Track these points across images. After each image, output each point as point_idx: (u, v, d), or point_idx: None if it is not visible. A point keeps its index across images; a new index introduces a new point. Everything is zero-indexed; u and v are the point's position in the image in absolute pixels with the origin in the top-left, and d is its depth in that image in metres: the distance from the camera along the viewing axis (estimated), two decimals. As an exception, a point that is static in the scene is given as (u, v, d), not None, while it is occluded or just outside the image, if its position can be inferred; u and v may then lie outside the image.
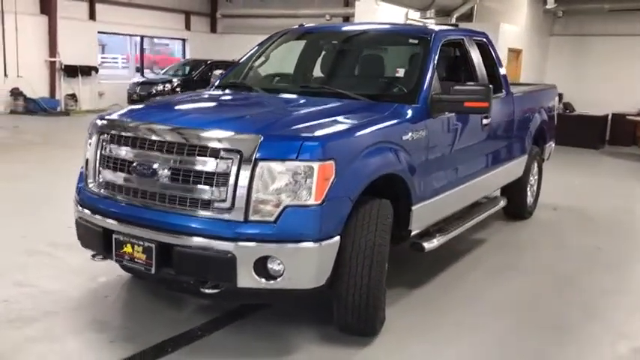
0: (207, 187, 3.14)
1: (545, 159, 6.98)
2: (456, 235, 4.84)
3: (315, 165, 3.08)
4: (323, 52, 5.03)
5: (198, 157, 3.17)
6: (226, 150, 3.12)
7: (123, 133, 3.46)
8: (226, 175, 3.10)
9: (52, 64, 16.66)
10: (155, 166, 3.27)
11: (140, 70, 20.73)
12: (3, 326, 3.55)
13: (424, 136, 3.93)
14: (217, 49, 20.57)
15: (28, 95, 15.87)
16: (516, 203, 6.34)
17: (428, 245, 4.18)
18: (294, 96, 4.20)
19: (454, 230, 4.55)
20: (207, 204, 3.15)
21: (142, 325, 3.71)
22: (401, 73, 4.27)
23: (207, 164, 3.15)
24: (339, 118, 3.56)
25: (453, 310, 4.03)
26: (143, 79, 17.90)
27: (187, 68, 18.11)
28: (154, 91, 16.31)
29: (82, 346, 3.38)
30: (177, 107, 3.96)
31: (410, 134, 3.80)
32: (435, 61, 4.26)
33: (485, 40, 5.42)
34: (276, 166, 3.07)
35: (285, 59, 5.06)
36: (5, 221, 5.77)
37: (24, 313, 3.72)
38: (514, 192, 6.24)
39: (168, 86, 16.63)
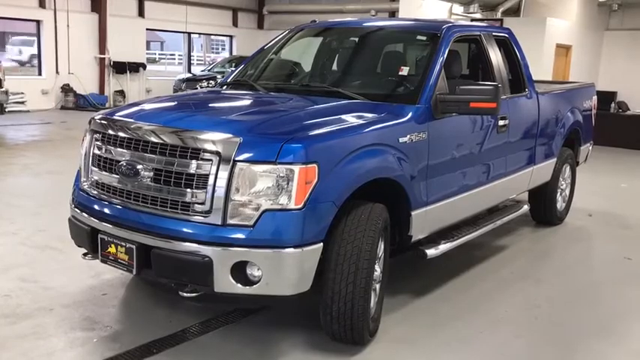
0: (187, 189, 3.08)
1: (580, 162, 6.61)
2: (475, 241, 4.60)
3: (296, 168, 2.97)
4: (328, 50, 4.88)
5: (179, 158, 3.11)
6: (206, 151, 3.05)
7: (110, 132, 3.44)
8: (206, 176, 3.04)
9: (102, 60, 17.19)
10: (139, 166, 3.23)
11: (187, 66, 21.06)
12: (-3, 321, 3.61)
13: (425, 138, 3.74)
14: (264, 46, 20.65)
15: (77, 91, 16.45)
16: (544, 209, 6.02)
17: (431, 252, 4.00)
18: (291, 95, 4.08)
19: (462, 236, 4.32)
20: (186, 206, 3.09)
21: (132, 324, 3.71)
22: (405, 71, 4.08)
23: (187, 165, 3.09)
24: (330, 119, 3.42)
25: (450, 322, 3.82)
26: (189, 76, 18.19)
27: (232, 64, 18.26)
28: (199, 88, 16.50)
29: (68, 344, 3.38)
30: (167, 106, 3.92)
31: (408, 136, 3.62)
32: (443, 59, 4.05)
33: (507, 36, 5.15)
34: (255, 168, 2.98)
35: (293, 57, 4.94)
36: (30, 215, 5.93)
37: (20, 309, 3.78)
38: (542, 197, 5.93)
39: (212, 82, 16.80)
